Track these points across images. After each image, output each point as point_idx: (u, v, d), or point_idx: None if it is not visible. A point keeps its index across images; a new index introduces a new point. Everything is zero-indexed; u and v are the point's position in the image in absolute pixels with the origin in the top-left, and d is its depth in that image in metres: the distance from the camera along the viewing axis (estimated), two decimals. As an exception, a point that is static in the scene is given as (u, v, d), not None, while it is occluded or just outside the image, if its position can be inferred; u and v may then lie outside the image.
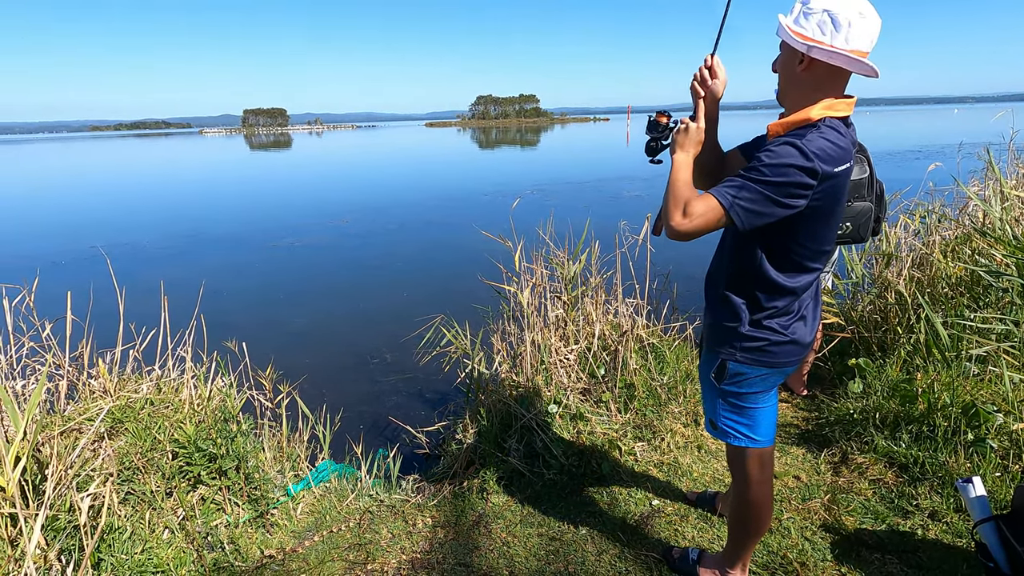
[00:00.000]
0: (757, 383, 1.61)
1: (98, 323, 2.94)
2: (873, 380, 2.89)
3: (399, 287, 7.34)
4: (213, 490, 2.41)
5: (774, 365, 1.57)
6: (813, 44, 1.34)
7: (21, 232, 12.47)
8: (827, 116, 1.39)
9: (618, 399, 2.98)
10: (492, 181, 19.10)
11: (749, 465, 1.70)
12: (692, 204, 1.39)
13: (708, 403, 1.75)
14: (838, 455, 2.63)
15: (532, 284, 3.25)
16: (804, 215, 1.39)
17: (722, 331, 1.60)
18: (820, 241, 1.48)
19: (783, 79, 1.48)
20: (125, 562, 2.02)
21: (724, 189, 1.38)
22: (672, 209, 1.43)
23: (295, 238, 10.66)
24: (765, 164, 1.35)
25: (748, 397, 1.63)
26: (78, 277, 7.90)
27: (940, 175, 4.32)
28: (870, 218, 2.62)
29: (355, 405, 4.01)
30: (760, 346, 1.55)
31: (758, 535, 1.81)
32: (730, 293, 1.57)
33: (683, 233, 1.40)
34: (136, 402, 2.60)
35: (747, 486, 1.72)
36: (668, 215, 1.43)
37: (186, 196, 18.79)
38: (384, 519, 2.48)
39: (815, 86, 1.40)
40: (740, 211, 1.36)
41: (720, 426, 1.70)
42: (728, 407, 1.67)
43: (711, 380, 1.66)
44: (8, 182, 27.00)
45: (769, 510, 1.76)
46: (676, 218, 1.41)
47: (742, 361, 1.57)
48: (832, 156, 1.34)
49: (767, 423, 1.68)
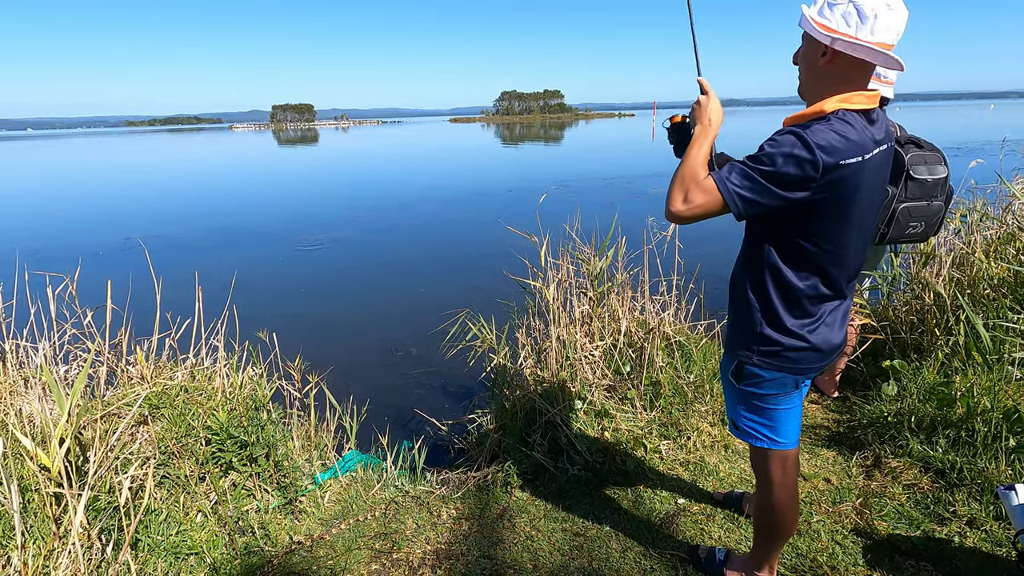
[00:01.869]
0: (774, 386, 1.57)
1: (136, 312, 3.03)
2: (908, 383, 2.81)
3: (422, 282, 7.40)
4: (244, 476, 2.47)
5: (792, 371, 1.53)
6: (837, 36, 1.31)
7: (64, 224, 12.92)
8: (841, 108, 1.34)
9: (644, 396, 2.96)
10: (516, 177, 19.08)
11: (771, 467, 1.67)
12: (693, 191, 1.38)
13: (729, 403, 1.73)
14: (870, 458, 2.57)
15: (558, 280, 3.24)
16: (810, 210, 1.35)
17: (740, 332, 1.58)
18: (836, 242, 1.41)
19: (804, 72, 1.44)
20: (161, 543, 2.09)
21: (723, 175, 1.36)
22: (675, 191, 1.41)
23: (322, 233, 10.82)
24: (765, 152, 1.32)
25: (768, 399, 1.60)
26: (116, 267, 8.17)
27: (982, 172, 4.16)
28: (939, 218, 2.60)
29: (380, 397, 4.06)
30: (777, 351, 1.51)
31: (784, 538, 1.78)
32: (749, 294, 1.54)
33: (680, 218, 1.40)
34: (171, 389, 2.67)
35: (769, 488, 1.70)
36: (670, 197, 1.41)
37: (218, 190, 19.22)
38: (409, 509, 2.51)
39: (837, 79, 1.36)
40: (737, 198, 1.34)
41: (741, 427, 1.68)
42: (748, 408, 1.64)
43: (730, 380, 1.64)
44: (51, 176, 27.99)
45: (794, 513, 1.72)
46: (676, 203, 1.40)
47: (758, 364, 1.54)
48: (838, 148, 1.29)
49: (790, 425, 1.64)
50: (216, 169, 28.46)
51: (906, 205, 2.56)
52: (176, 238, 10.56)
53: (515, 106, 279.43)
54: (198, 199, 16.89)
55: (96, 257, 8.94)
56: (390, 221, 11.86)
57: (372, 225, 11.52)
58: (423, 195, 15.63)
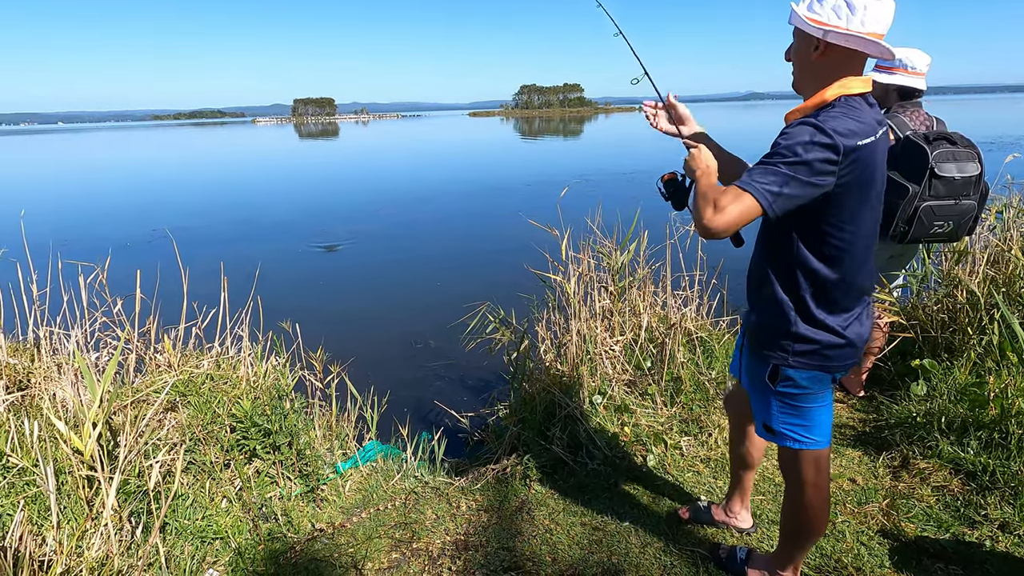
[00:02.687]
0: (811, 385, 1.53)
1: (163, 301, 3.10)
2: (939, 383, 2.74)
3: (441, 275, 7.43)
4: (267, 464, 2.51)
5: (828, 368, 1.50)
6: (829, 29, 1.34)
7: (94, 215, 13.26)
8: (841, 95, 1.38)
9: (664, 392, 2.93)
10: (536, 171, 19.02)
11: (805, 468, 1.61)
12: (721, 199, 1.34)
13: (760, 406, 1.65)
14: (898, 459, 2.52)
15: (578, 274, 3.22)
16: (834, 194, 1.35)
17: (772, 332, 1.53)
18: (859, 223, 1.41)
19: (798, 67, 1.48)
20: (188, 527, 2.14)
21: (749, 179, 1.33)
22: (702, 207, 1.38)
23: (343, 226, 10.92)
24: (784, 146, 1.32)
25: (805, 398, 1.55)
26: (144, 258, 8.35)
27: (1019, 167, 4.02)
28: (971, 217, 2.52)
29: (400, 388, 4.09)
30: (814, 349, 1.48)
31: (813, 539, 1.73)
32: (779, 293, 1.49)
33: (716, 229, 1.33)
34: (198, 377, 2.73)
35: (802, 490, 1.64)
36: (699, 214, 1.38)
37: (241, 184, 19.52)
38: (428, 500, 2.53)
39: (831, 71, 1.39)
40: (770, 197, 1.31)
41: (777, 429, 1.61)
42: (785, 408, 1.58)
43: (765, 383, 1.58)
44: (81, 169, 28.70)
45: (826, 514, 1.67)
46: (707, 214, 1.34)
47: (794, 365, 1.50)
48: (852, 130, 1.32)
49: (825, 423, 1.60)
50: (239, 162, 28.89)
51: (930, 204, 2.47)
52: (201, 230, 10.76)
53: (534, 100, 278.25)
54: (222, 192, 17.18)
55: (125, 248, 9.15)
56: (410, 215, 11.92)
57: (392, 219, 11.60)
58: (443, 189, 15.68)
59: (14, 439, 2.09)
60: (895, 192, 2.49)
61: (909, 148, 2.52)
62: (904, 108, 2.73)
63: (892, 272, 2.95)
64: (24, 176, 24.49)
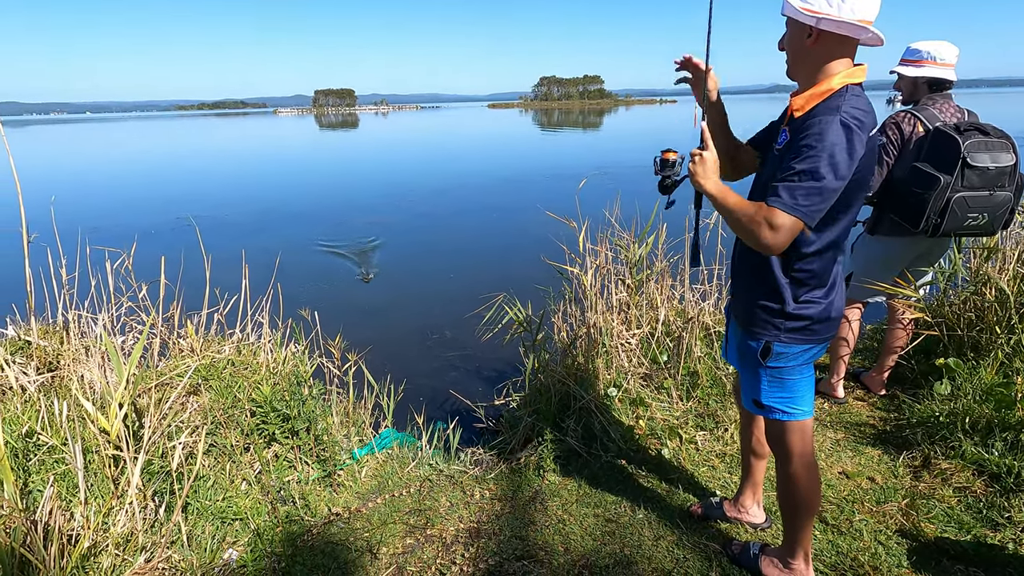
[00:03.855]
0: (801, 357, 1.63)
1: (186, 288, 3.16)
2: (964, 382, 2.68)
3: (457, 267, 7.45)
4: (286, 448, 2.56)
5: (817, 342, 1.62)
6: (822, 16, 1.40)
7: (120, 203, 13.54)
8: (848, 84, 1.44)
9: (680, 386, 2.92)
10: (554, 164, 18.93)
11: (792, 439, 1.71)
12: (772, 217, 1.38)
13: (750, 382, 1.74)
14: (919, 459, 2.47)
15: (595, 266, 3.21)
16: (846, 188, 1.41)
17: (764, 312, 1.61)
18: (851, 211, 1.51)
19: (792, 55, 1.55)
20: (208, 507, 2.19)
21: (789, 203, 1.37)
22: (754, 230, 1.42)
23: (362, 217, 11.01)
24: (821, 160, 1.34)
25: (793, 371, 1.66)
26: (167, 245, 8.51)
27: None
28: (1007, 209, 2.45)
29: (416, 378, 4.13)
30: (804, 325, 1.58)
31: (810, 513, 1.77)
32: (772, 274, 1.57)
33: (778, 246, 1.41)
34: (219, 362, 2.78)
35: (790, 460, 1.73)
36: (754, 236, 1.42)
37: (262, 174, 19.76)
38: (443, 488, 2.55)
39: (825, 57, 1.46)
40: (815, 216, 1.39)
41: (766, 403, 1.71)
42: (774, 382, 1.68)
43: (756, 359, 1.66)
44: (107, 158, 29.31)
45: (817, 483, 1.74)
46: (766, 236, 1.40)
47: (787, 341, 1.60)
48: (866, 123, 1.39)
49: (809, 394, 1.71)
50: (260, 154, 29.23)
51: (963, 195, 2.41)
52: (222, 219, 10.93)
53: (554, 92, 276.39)
54: (244, 183, 17.41)
55: (149, 235, 9.34)
56: (427, 206, 11.96)
57: (410, 209, 11.65)
58: (460, 181, 15.69)
59: (44, 418, 2.15)
60: (924, 184, 2.43)
61: (940, 138, 2.46)
62: (933, 100, 2.66)
63: (920, 268, 2.89)
64: (54, 164, 25.10)
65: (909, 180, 2.51)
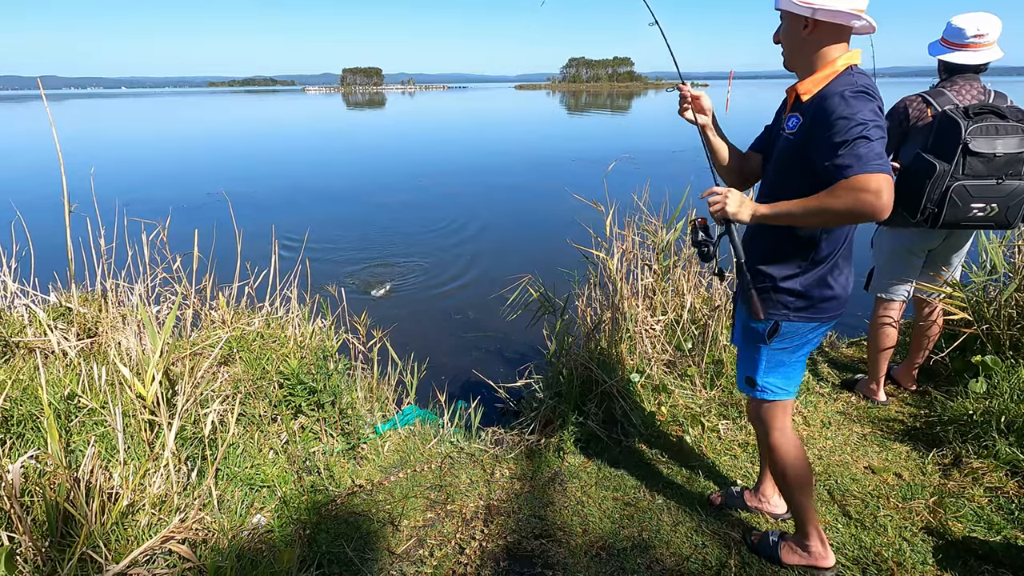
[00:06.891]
0: (809, 335, 1.68)
1: (217, 261, 3.23)
2: (1001, 381, 2.59)
3: (481, 248, 7.46)
4: (312, 420, 2.62)
5: (825, 320, 1.66)
6: (817, 7, 1.46)
7: (155, 177, 13.85)
8: (851, 64, 1.50)
9: (704, 374, 2.89)
10: (582, 147, 18.69)
11: (774, 414, 1.79)
12: (865, 184, 1.32)
13: (748, 362, 1.78)
14: (949, 456, 2.41)
15: (622, 251, 3.18)
16: None
17: (774, 292, 1.64)
18: None
19: (788, 47, 1.60)
20: (238, 474, 2.26)
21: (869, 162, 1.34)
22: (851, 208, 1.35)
23: (388, 196, 11.07)
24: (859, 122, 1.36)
25: (795, 351, 1.71)
26: (199, 219, 8.70)
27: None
28: (1022, 201, 2.28)
29: (439, 357, 4.17)
30: (811, 303, 1.63)
31: (804, 484, 1.80)
32: (777, 252, 1.62)
33: (886, 206, 1.34)
34: (249, 334, 2.85)
35: (770, 433, 1.80)
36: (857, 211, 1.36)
37: (292, 151, 19.96)
38: (463, 465, 2.59)
39: (821, 43, 1.52)
40: (887, 165, 1.37)
41: (759, 382, 1.76)
42: (772, 363, 1.72)
43: (762, 338, 1.70)
44: (143, 133, 29.93)
45: (800, 451, 1.80)
46: (870, 202, 1.33)
47: (795, 319, 1.64)
48: (876, 94, 1.45)
49: (799, 377, 1.78)
50: (289, 132, 29.50)
51: (963, 183, 2.25)
52: (251, 196, 11.10)
53: (582, 73, 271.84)
54: (272, 159, 17.62)
55: (183, 209, 9.55)
56: (453, 187, 11.95)
57: (435, 190, 11.67)
58: (486, 162, 15.63)
59: (84, 382, 2.24)
60: (923, 171, 2.30)
61: (943, 123, 2.30)
62: (953, 83, 2.47)
63: (941, 267, 2.74)
64: (94, 138, 25.74)
65: (910, 168, 2.39)
